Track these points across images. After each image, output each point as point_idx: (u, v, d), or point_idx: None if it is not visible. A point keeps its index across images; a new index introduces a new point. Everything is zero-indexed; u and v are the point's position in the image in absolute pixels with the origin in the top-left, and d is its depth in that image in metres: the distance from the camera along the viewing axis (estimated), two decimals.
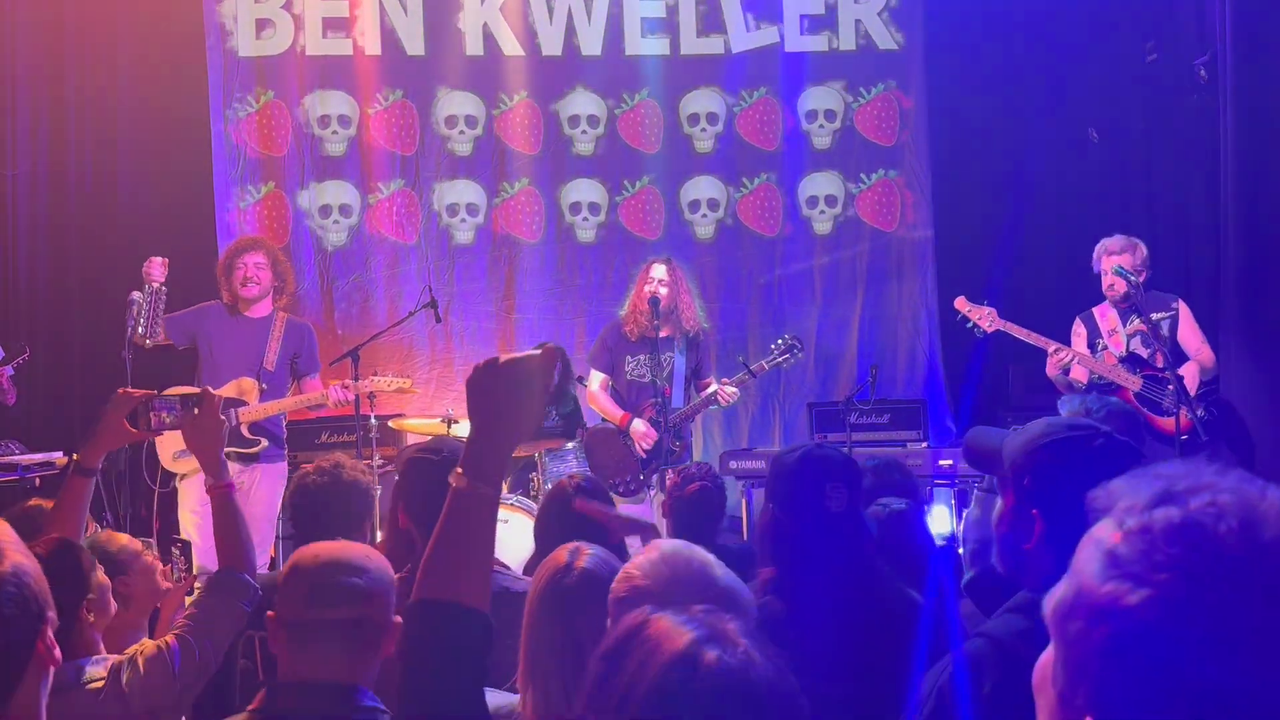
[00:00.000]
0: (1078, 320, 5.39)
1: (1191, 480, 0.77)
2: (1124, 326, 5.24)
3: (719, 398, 5.18)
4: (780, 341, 5.38)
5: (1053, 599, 0.82)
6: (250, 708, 1.73)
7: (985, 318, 5.17)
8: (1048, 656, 0.85)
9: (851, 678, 1.96)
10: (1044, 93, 7.24)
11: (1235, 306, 5.54)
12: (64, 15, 6.81)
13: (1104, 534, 0.77)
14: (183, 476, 5.04)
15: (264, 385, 5.07)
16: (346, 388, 5.11)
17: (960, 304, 5.28)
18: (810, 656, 1.94)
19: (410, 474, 2.53)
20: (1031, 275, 7.16)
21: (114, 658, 2.08)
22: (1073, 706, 0.78)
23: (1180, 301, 5.34)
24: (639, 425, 5.22)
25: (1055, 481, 1.61)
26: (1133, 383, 5.05)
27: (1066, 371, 5.16)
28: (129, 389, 2.53)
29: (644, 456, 5.21)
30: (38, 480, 5.17)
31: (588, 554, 1.91)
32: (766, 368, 5.34)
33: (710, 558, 1.64)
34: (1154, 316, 5.16)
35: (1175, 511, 0.74)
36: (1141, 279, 5.14)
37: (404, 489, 2.59)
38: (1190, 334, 5.24)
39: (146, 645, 2.12)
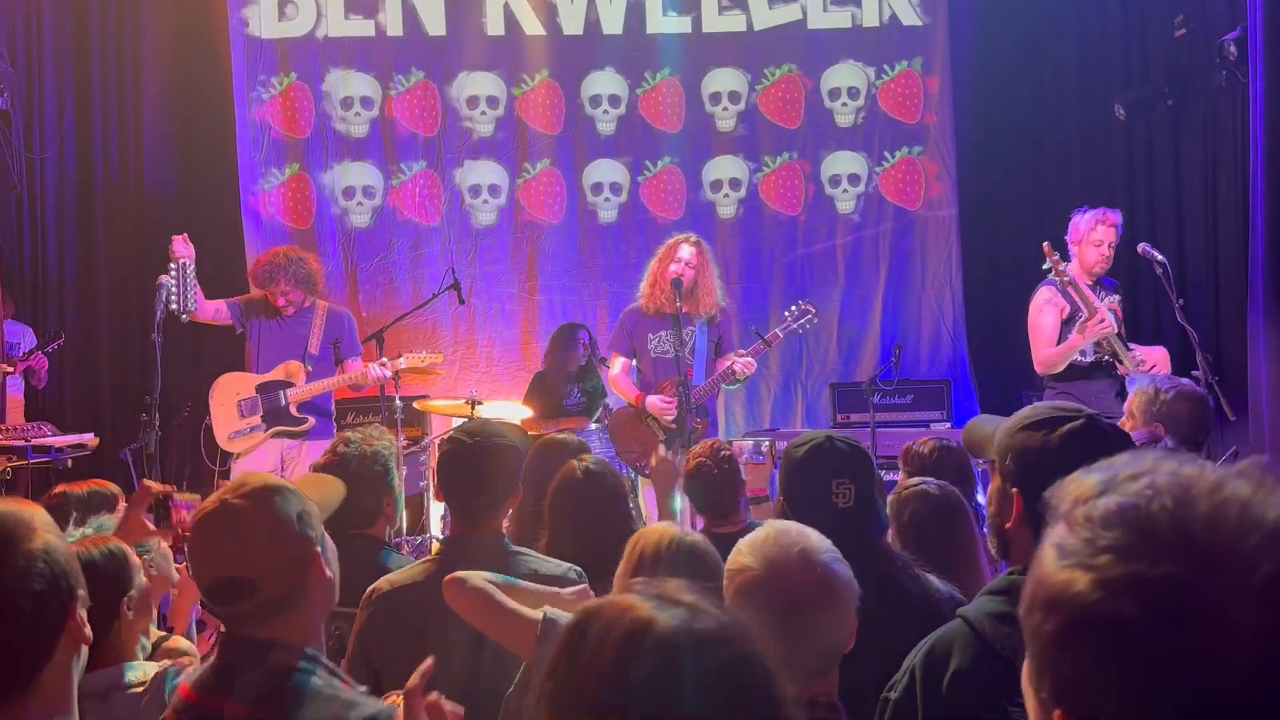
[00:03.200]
0: (1049, 289, 5.02)
1: (1134, 468, 0.79)
2: (1100, 304, 5.04)
3: (735, 369, 5.15)
4: (794, 308, 5.34)
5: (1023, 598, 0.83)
6: None
7: (1065, 271, 4.88)
8: None
9: (864, 672, 1.97)
10: (1070, 68, 7.15)
11: (1264, 287, 5.47)
12: (89, 1, 6.85)
13: (1056, 529, 0.80)
14: (238, 456, 5.20)
15: (309, 368, 5.28)
16: (384, 365, 5.32)
17: (1048, 249, 4.93)
18: None
19: (442, 456, 2.57)
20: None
21: (159, 665, 2.07)
22: (1043, 702, 0.80)
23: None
24: (654, 400, 5.22)
25: (1032, 462, 1.64)
26: (1131, 361, 4.94)
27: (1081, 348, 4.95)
28: (149, 482, 2.37)
29: (665, 437, 5.22)
30: (70, 461, 5.23)
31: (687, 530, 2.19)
32: (781, 335, 5.30)
33: (813, 544, 1.65)
34: (1118, 298, 5.06)
35: (1114, 498, 0.77)
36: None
37: (439, 470, 2.65)
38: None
39: (190, 659, 2.09)
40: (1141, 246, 5.24)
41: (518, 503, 2.63)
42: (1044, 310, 5.04)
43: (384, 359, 5.37)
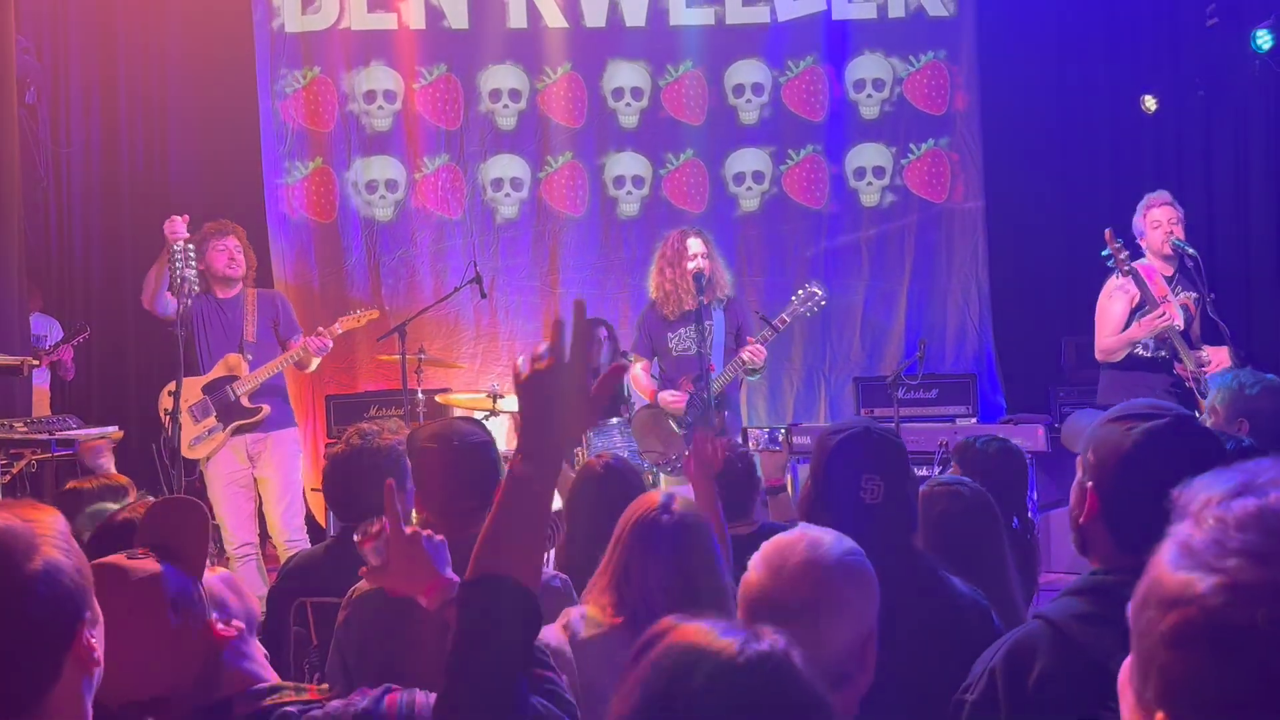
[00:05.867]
0: (1121, 277, 4.80)
1: (1275, 473, 0.75)
2: (1174, 296, 4.85)
3: (744, 357, 5.09)
4: (800, 292, 5.28)
5: (1134, 596, 0.79)
6: None
7: (1127, 260, 4.68)
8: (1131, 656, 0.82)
9: (885, 673, 1.94)
10: (1099, 59, 7.05)
11: None
12: None
13: (1182, 528, 0.76)
14: (206, 459, 5.10)
15: (249, 356, 5.13)
16: (320, 335, 5.13)
17: (1109, 236, 4.72)
18: None
19: (425, 463, 2.51)
20: (1084, 247, 7.01)
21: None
22: (1144, 703, 0.76)
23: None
24: (665, 395, 5.22)
25: (1108, 458, 1.59)
26: (1193, 359, 4.77)
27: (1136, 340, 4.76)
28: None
29: (684, 431, 5.20)
30: None
31: (681, 500, 2.17)
32: (788, 320, 5.22)
33: (821, 552, 1.63)
34: (1194, 295, 4.78)
35: (1253, 501, 0.72)
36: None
37: (418, 479, 2.58)
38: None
39: None
40: (1175, 240, 5.12)
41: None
42: (1114, 296, 4.84)
43: (320, 329, 5.15)
